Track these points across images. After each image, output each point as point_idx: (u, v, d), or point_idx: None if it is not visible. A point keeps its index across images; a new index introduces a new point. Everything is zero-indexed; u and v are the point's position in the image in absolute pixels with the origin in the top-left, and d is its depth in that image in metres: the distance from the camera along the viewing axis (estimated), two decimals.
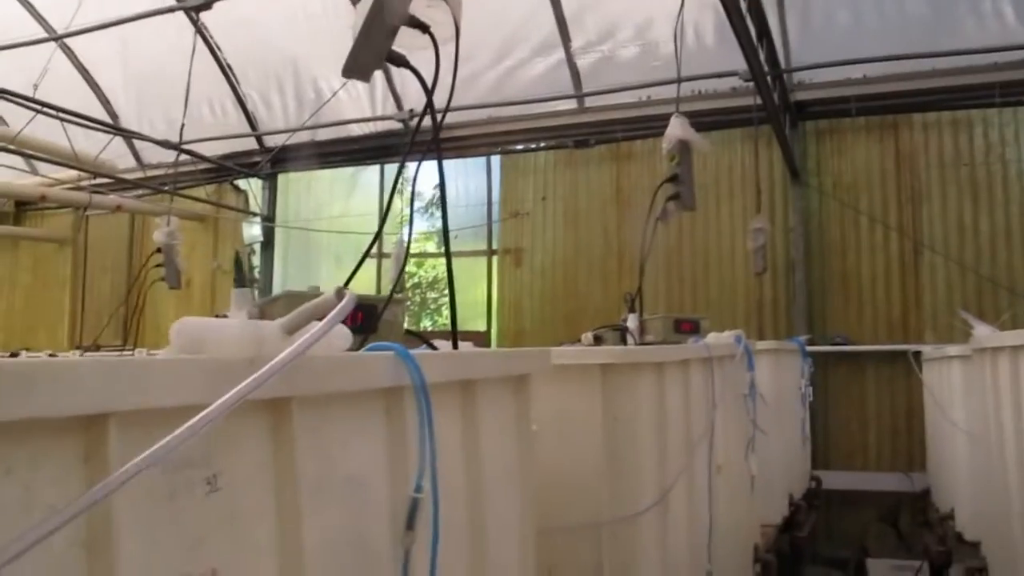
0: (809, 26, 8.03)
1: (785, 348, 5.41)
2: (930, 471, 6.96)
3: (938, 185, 8.08)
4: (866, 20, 7.86)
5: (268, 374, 0.87)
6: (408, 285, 14.95)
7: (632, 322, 4.01)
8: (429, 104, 2.08)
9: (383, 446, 1.30)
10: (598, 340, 4.30)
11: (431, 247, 13.47)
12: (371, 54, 2.08)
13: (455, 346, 1.98)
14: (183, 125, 7.13)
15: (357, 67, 2.07)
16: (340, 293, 1.08)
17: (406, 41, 2.12)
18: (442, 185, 2.18)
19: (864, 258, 8.21)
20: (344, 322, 1.77)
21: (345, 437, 1.21)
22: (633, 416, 2.45)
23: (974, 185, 7.97)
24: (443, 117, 2.10)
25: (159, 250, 6.50)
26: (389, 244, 9.41)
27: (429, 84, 2.06)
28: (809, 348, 6.50)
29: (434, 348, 2.07)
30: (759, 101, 6.93)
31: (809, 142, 8.56)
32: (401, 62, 2.13)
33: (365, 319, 1.77)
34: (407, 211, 15.91)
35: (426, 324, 15.01)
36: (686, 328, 3.85)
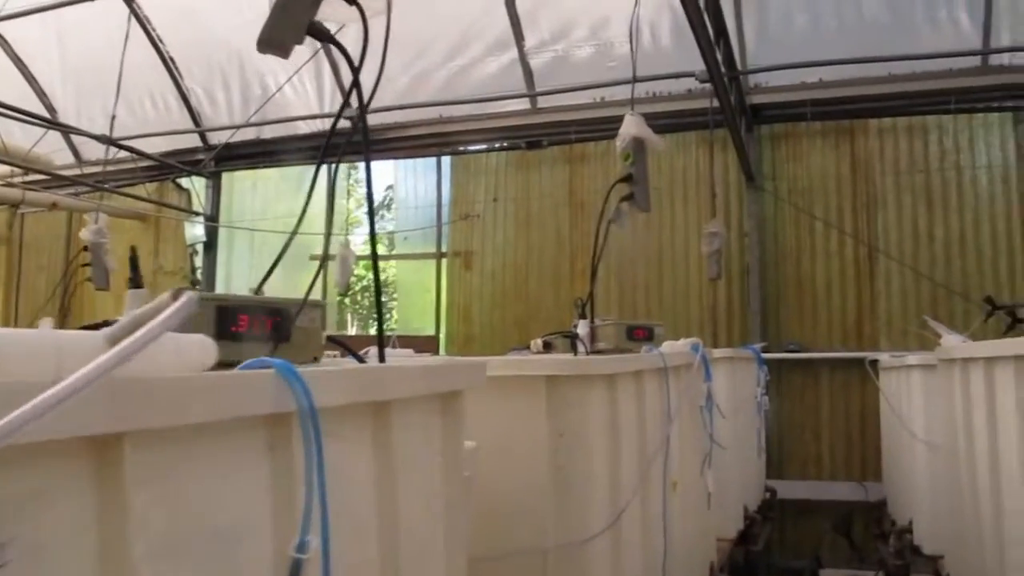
0: (766, 29, 7.92)
1: (741, 356, 5.23)
2: (886, 481, 6.85)
3: (893, 191, 8.02)
4: (823, 23, 7.76)
5: (47, 404, 0.61)
6: (357, 288, 14.66)
7: (583, 328, 3.80)
8: (356, 84, 1.84)
9: (266, 489, 1.04)
10: (548, 347, 4.10)
11: (382, 250, 13.16)
12: (290, 26, 1.83)
13: (382, 358, 1.75)
14: (114, 117, 6.79)
15: (274, 40, 1.83)
16: (177, 293, 0.83)
17: (329, 13, 1.88)
18: (368, 179, 1.94)
19: (819, 264, 8.11)
20: (252, 330, 1.53)
21: (211, 480, 0.95)
22: (582, 431, 2.23)
23: (929, 191, 7.93)
24: (370, 98, 1.86)
25: (86, 248, 6.15)
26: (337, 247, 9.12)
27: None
28: (764, 355, 6.36)
29: (360, 359, 1.84)
30: (715, 103, 6.79)
31: (764, 146, 8.45)
32: (325, 36, 1.88)
33: (276, 326, 1.53)
34: (358, 212, 15.55)
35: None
36: (640, 335, 3.65)
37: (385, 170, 10.91)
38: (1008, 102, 7.77)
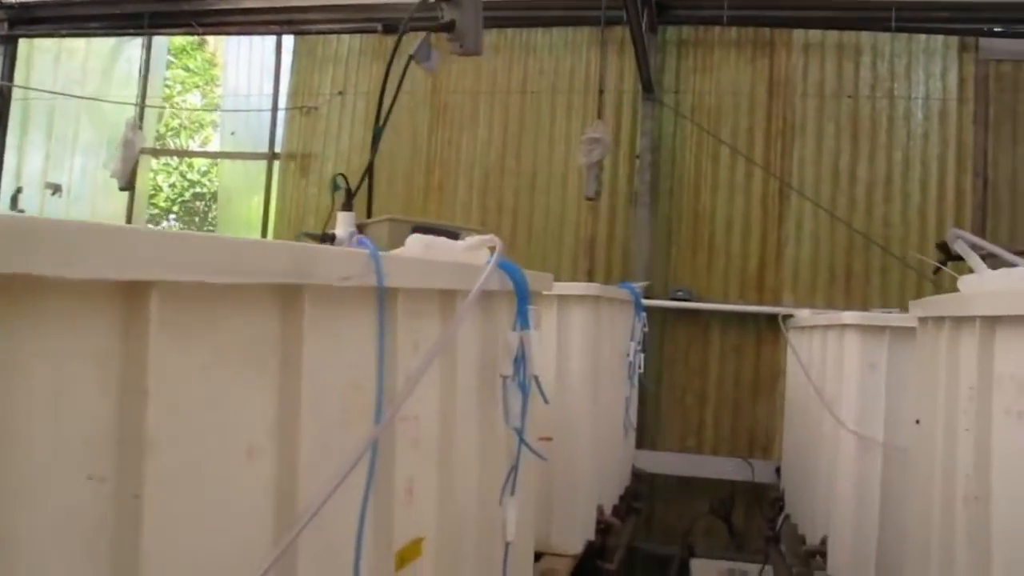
0: None
1: (611, 296, 3.70)
2: (786, 470, 5.52)
3: (815, 119, 6.73)
4: None
5: None
6: (187, 196, 12.66)
7: (343, 226, 2.25)
8: None
9: None
10: None
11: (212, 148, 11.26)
12: None
13: None
14: None
15: None
16: None
17: None
18: None
19: (721, 197, 6.77)
20: None
21: None
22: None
23: (855, 122, 6.68)
24: None
25: None
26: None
27: None
28: (646, 301, 4.95)
29: None
30: None
31: (668, 52, 7.01)
32: None
33: None
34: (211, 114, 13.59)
35: None
36: None
37: (233, 53, 9.00)
38: (957, 24, 6.51)
